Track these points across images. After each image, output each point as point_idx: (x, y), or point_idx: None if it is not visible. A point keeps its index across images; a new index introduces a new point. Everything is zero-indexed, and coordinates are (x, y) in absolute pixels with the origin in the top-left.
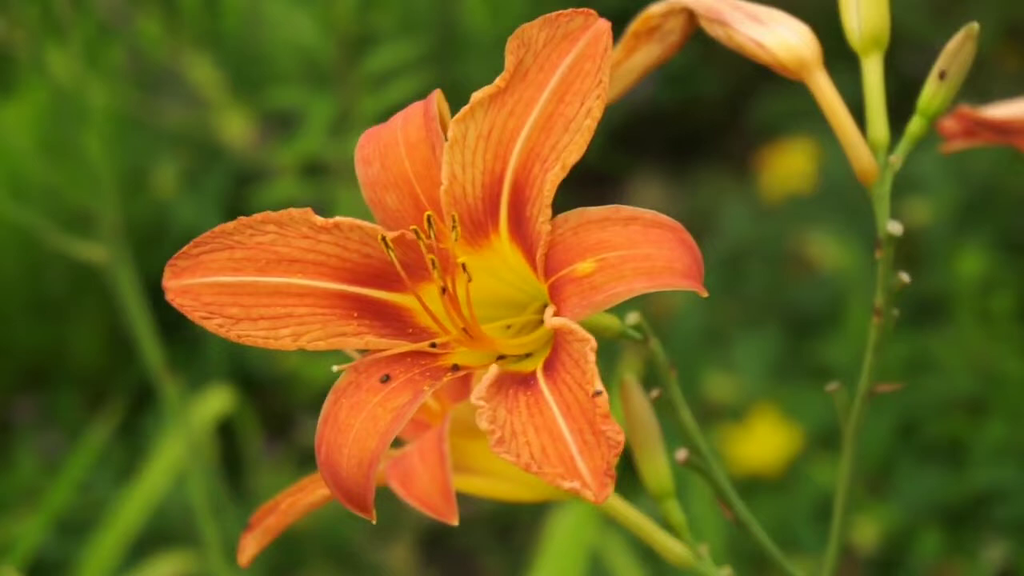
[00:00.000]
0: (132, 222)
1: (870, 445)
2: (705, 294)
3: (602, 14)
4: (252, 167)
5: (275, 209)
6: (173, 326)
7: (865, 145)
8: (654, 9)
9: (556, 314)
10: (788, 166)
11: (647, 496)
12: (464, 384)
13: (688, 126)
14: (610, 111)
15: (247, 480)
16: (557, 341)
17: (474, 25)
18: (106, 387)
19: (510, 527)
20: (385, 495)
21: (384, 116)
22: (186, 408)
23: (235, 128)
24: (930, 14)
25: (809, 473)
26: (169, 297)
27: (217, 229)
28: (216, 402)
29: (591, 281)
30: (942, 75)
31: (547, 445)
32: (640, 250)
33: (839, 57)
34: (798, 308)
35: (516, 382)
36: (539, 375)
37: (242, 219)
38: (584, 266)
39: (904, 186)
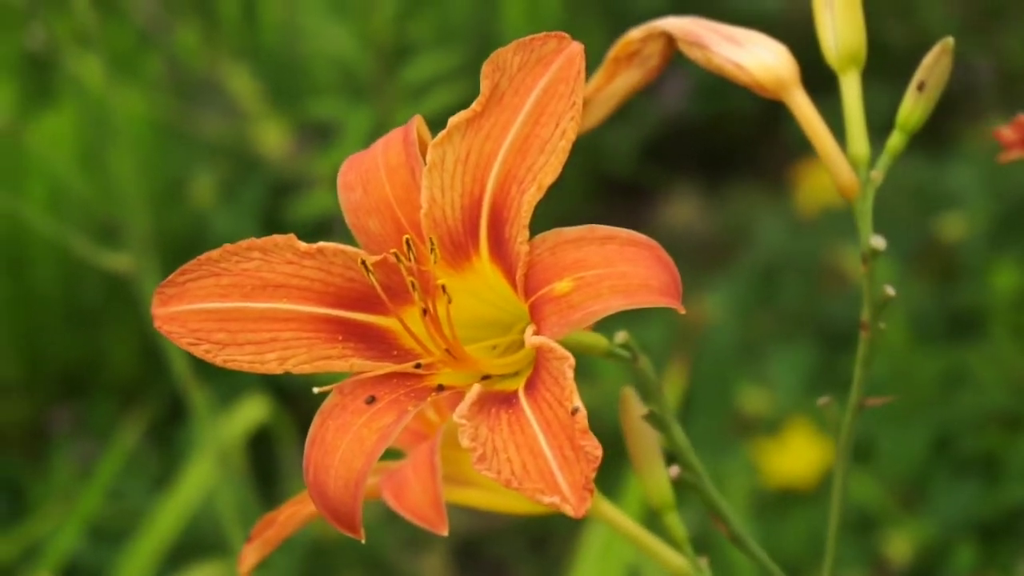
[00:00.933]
0: (170, 232)
1: (905, 459)
2: (683, 311)
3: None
4: (289, 178)
5: (314, 220)
6: None
7: (845, 161)
8: (633, 34)
9: (536, 333)
10: (823, 180)
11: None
12: (462, 398)
13: (722, 140)
14: (644, 125)
15: (283, 488)
16: (538, 360)
17: (512, 34)
18: (141, 396)
19: (544, 538)
20: None
21: None
22: (215, 418)
23: (272, 139)
24: (964, 30)
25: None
26: (157, 325)
27: (203, 256)
28: (252, 411)
29: (569, 300)
30: (920, 87)
31: (527, 461)
32: (616, 268)
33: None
34: (832, 322)
35: (499, 401)
36: (520, 393)
37: (227, 246)
38: (562, 285)
39: (939, 200)
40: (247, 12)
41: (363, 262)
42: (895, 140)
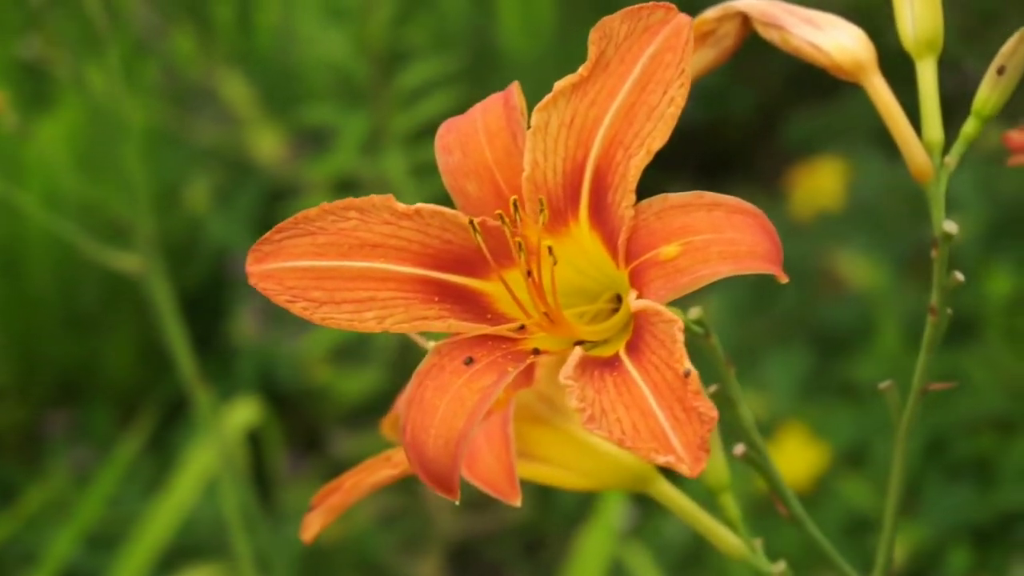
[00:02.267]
0: (164, 238)
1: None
2: (785, 279)
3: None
4: (284, 183)
5: None
6: (204, 341)
7: (920, 145)
8: (708, 14)
9: (639, 298)
10: (818, 185)
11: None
12: (526, 373)
13: (719, 144)
14: None
15: (273, 494)
16: (640, 324)
17: (508, 42)
18: (137, 401)
19: (539, 541)
20: (413, 509)
21: (417, 133)
22: (219, 418)
23: (267, 145)
24: (960, 36)
25: (838, 490)
26: (252, 281)
27: (299, 215)
28: (243, 413)
29: (676, 264)
30: (1000, 71)
31: (638, 422)
32: (724, 234)
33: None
34: (828, 326)
35: (598, 365)
36: (623, 356)
37: (324, 205)
38: (668, 250)
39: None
40: (242, 18)
41: (471, 222)
42: (970, 126)
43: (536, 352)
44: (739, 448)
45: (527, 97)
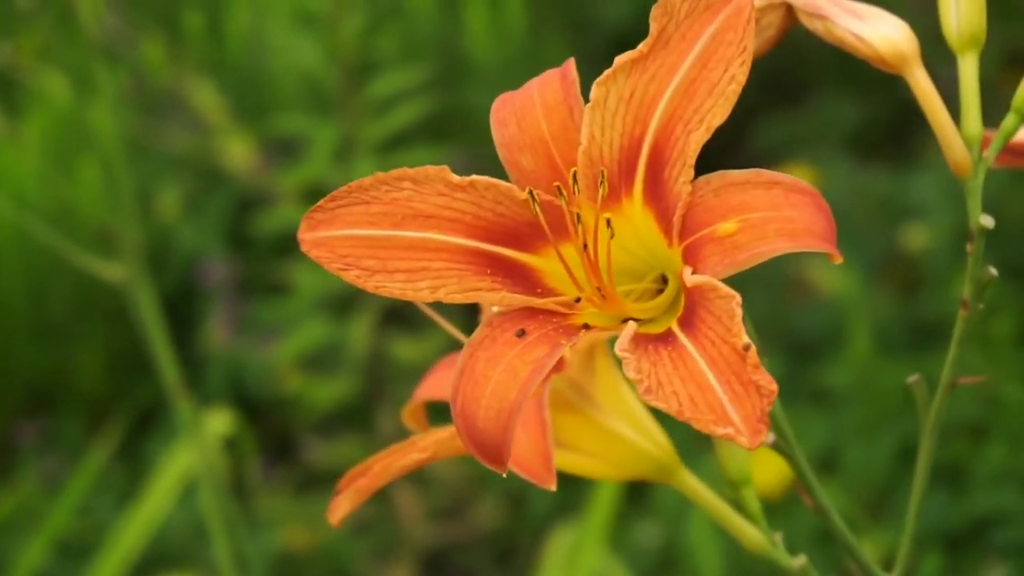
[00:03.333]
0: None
1: (870, 469)
2: (840, 258)
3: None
4: (255, 192)
5: (279, 235)
6: (175, 349)
7: (960, 139)
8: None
9: (695, 273)
10: None
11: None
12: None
13: None
14: None
15: (246, 502)
16: (694, 299)
17: (477, 51)
18: (108, 411)
19: (511, 549)
20: (385, 516)
21: (389, 142)
22: (200, 425)
23: (238, 153)
24: (930, 39)
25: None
26: (305, 248)
27: (353, 184)
28: (216, 424)
29: (734, 240)
30: None
31: (695, 394)
32: (782, 212)
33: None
34: (799, 332)
35: (651, 340)
36: (677, 331)
37: (378, 175)
38: (727, 226)
39: (903, 211)
40: (212, 26)
41: (531, 193)
42: (1010, 122)
43: (587, 327)
44: (769, 437)
45: None
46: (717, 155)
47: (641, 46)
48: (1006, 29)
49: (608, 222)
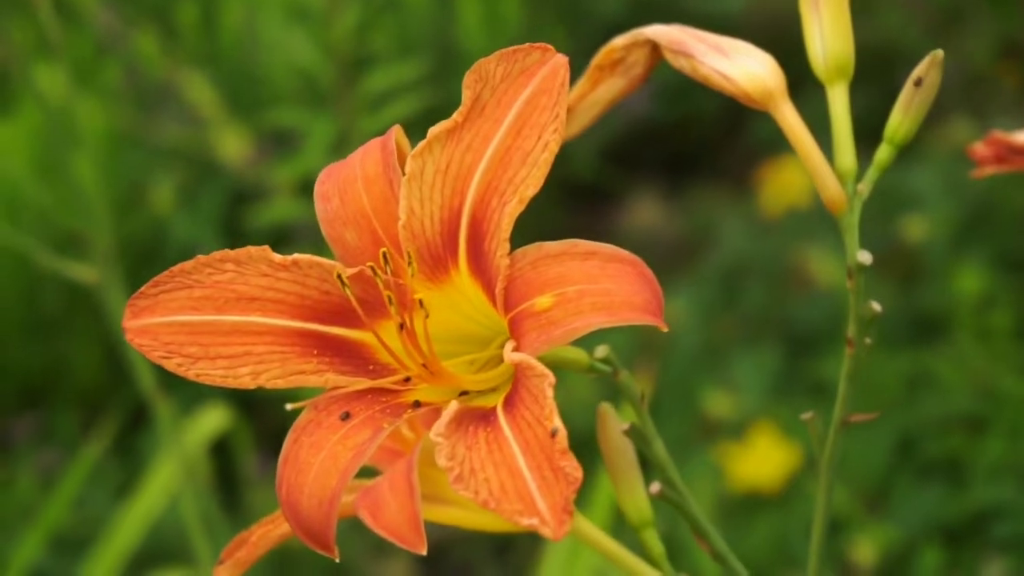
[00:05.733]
0: (129, 239)
1: (869, 463)
2: (665, 328)
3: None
4: (249, 185)
5: (273, 228)
6: None
7: (832, 174)
8: (617, 42)
9: (516, 349)
10: (786, 182)
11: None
12: (438, 415)
13: (685, 143)
14: (606, 128)
15: (243, 497)
16: (517, 376)
17: (471, 45)
18: (103, 405)
19: (508, 542)
20: None
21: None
22: (179, 428)
23: (232, 146)
24: (927, 32)
25: (808, 490)
26: (128, 337)
27: (176, 268)
28: (212, 420)
29: (549, 316)
30: (918, 83)
31: (506, 482)
32: (599, 285)
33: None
34: (797, 324)
35: (477, 418)
36: (499, 411)
37: (200, 258)
38: (542, 301)
39: (902, 203)
40: (206, 19)
41: (339, 276)
42: (883, 153)
43: (417, 404)
44: (655, 486)
45: None
46: (716, 148)
47: (455, 115)
48: (1002, 20)
49: (420, 302)
